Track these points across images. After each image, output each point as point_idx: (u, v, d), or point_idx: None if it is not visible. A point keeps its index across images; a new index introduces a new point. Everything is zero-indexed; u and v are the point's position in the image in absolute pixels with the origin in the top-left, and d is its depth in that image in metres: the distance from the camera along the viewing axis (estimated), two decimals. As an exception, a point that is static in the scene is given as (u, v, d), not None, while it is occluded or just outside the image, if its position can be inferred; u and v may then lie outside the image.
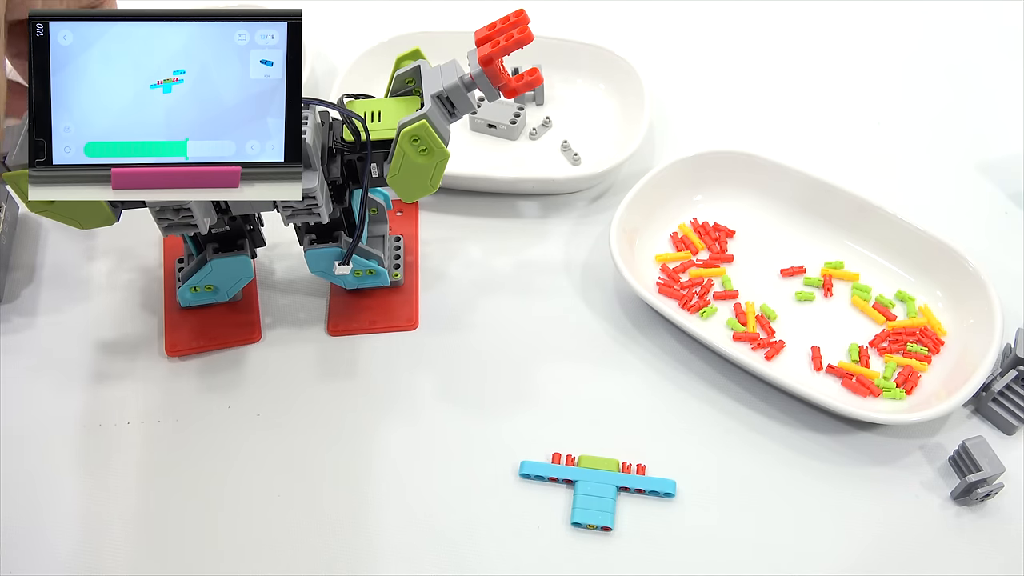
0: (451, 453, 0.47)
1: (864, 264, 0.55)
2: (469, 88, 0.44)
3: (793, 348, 0.51)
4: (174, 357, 0.51)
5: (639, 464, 0.46)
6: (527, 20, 0.43)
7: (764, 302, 0.53)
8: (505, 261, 0.57)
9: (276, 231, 0.52)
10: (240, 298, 0.53)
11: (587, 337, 0.53)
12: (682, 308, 0.53)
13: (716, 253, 0.56)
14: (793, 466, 0.47)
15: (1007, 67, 0.70)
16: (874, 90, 0.69)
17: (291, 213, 0.44)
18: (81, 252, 0.57)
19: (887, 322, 0.52)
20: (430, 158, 0.44)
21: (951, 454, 0.46)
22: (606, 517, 0.44)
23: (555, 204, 0.60)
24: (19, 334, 0.53)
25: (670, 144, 0.64)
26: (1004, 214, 0.60)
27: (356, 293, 0.54)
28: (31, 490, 0.46)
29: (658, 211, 0.57)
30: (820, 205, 0.56)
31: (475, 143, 0.64)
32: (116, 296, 0.55)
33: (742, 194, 0.58)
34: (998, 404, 0.48)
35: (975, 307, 0.50)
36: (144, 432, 0.48)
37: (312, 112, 0.43)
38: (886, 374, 0.50)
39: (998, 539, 0.44)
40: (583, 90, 0.67)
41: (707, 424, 0.49)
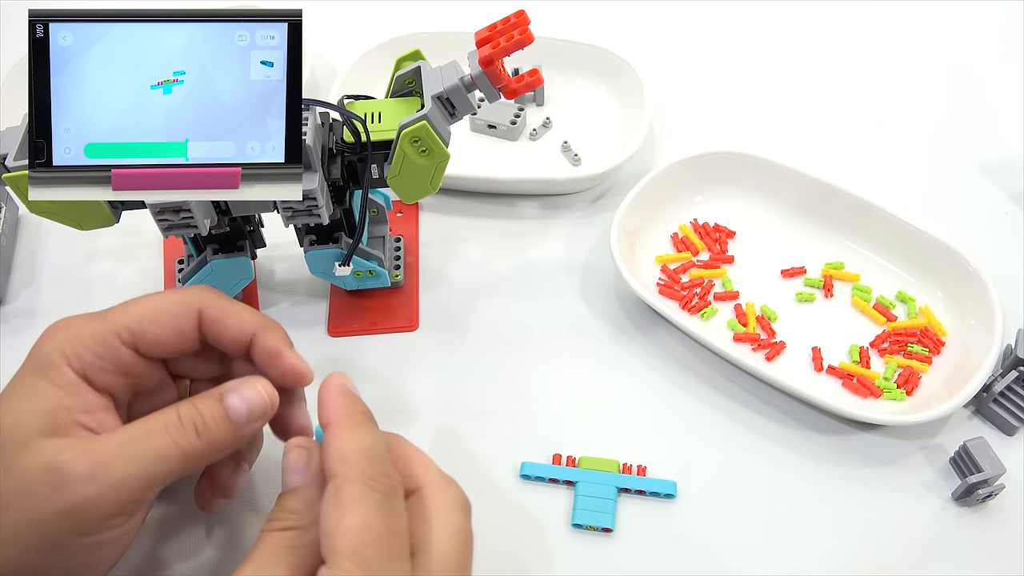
0: (451, 454, 0.47)
1: (865, 265, 0.55)
2: (469, 89, 0.44)
3: (794, 349, 0.51)
4: (174, 358, 0.51)
5: (640, 465, 0.46)
6: (527, 21, 0.43)
7: (765, 303, 0.53)
8: (505, 262, 0.57)
9: (276, 232, 0.52)
10: (240, 299, 0.53)
11: (587, 338, 0.53)
12: (682, 309, 0.53)
13: (716, 254, 0.56)
14: (793, 467, 0.47)
15: (1007, 67, 0.70)
16: (874, 90, 0.69)
17: (291, 214, 0.44)
18: (81, 253, 0.57)
19: (888, 323, 0.52)
20: (430, 159, 0.44)
21: (952, 455, 0.46)
22: (607, 518, 0.44)
23: (555, 205, 0.60)
24: (19, 335, 0.53)
25: (670, 145, 0.64)
26: (1004, 214, 0.60)
27: (356, 294, 0.54)
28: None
29: (658, 212, 0.57)
30: (820, 206, 0.56)
31: (475, 144, 0.64)
32: (116, 297, 0.54)
33: (742, 195, 0.58)
34: (999, 405, 0.48)
35: (976, 308, 0.50)
36: (144, 433, 0.48)
37: (312, 113, 0.43)
38: (887, 375, 0.49)
39: (999, 540, 0.44)
40: (583, 91, 0.67)
41: (707, 425, 0.48)
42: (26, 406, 0.35)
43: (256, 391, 0.37)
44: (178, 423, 0.35)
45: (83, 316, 0.38)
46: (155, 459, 0.34)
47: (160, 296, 0.39)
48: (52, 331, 0.37)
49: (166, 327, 0.38)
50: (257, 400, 0.37)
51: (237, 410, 0.36)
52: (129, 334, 0.37)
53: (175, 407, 0.36)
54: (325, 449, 0.34)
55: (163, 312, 0.38)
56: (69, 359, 0.36)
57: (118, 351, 0.37)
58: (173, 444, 0.35)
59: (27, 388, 0.35)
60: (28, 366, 0.36)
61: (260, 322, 0.39)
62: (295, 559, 0.33)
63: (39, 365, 0.36)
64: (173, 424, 0.35)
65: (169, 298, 0.38)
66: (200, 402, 0.36)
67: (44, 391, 0.35)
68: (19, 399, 0.35)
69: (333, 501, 0.32)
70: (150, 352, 0.38)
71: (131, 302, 0.38)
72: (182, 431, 0.35)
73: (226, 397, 0.37)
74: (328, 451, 0.34)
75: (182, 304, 0.38)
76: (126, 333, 0.37)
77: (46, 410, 0.34)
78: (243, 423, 0.37)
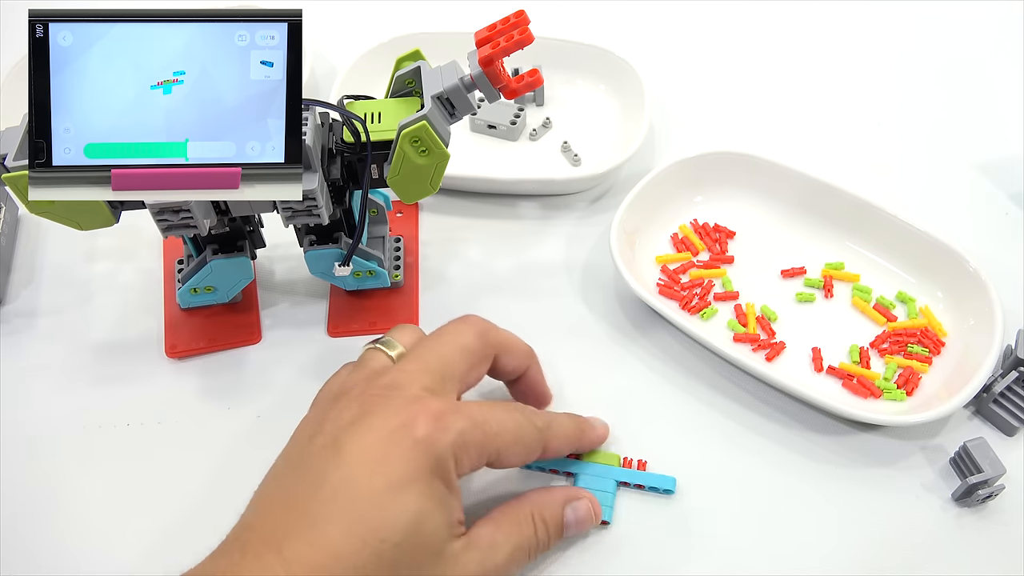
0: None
1: (865, 265, 0.55)
2: (469, 89, 0.44)
3: (794, 349, 0.51)
4: (174, 358, 0.51)
5: (640, 460, 0.46)
6: (527, 21, 0.43)
7: (765, 303, 0.53)
8: (505, 262, 0.57)
9: (276, 232, 0.52)
10: (240, 299, 0.53)
11: (587, 338, 0.53)
12: (682, 309, 0.53)
13: (716, 254, 0.56)
14: (793, 467, 0.47)
15: (1007, 67, 0.70)
16: (874, 90, 0.69)
17: (291, 214, 0.44)
18: (81, 253, 0.57)
19: (888, 323, 0.52)
20: (430, 159, 0.44)
21: (952, 455, 0.46)
22: (605, 511, 0.44)
23: (555, 205, 0.60)
24: (19, 334, 0.53)
25: (670, 145, 0.64)
26: (1005, 215, 0.60)
27: (356, 294, 0.54)
28: (31, 491, 0.46)
29: (658, 212, 0.57)
30: (820, 206, 0.56)
31: (475, 144, 0.64)
32: (116, 297, 0.55)
33: (742, 195, 0.58)
34: (999, 405, 0.48)
35: (976, 308, 0.50)
36: (144, 433, 0.48)
37: (312, 113, 0.43)
38: (887, 375, 0.49)
39: (999, 540, 0.44)
40: (583, 91, 0.67)
41: (707, 425, 0.48)
42: (437, 511, 0.35)
43: (588, 510, 0.42)
44: (534, 538, 0.40)
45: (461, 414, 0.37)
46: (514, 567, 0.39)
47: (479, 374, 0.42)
48: (442, 422, 0.36)
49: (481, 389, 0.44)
50: (586, 518, 0.42)
51: (568, 522, 0.41)
52: (496, 454, 0.38)
53: (530, 518, 0.40)
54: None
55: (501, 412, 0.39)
56: (459, 466, 0.36)
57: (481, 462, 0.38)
58: (525, 556, 0.39)
59: (432, 490, 0.35)
60: (425, 461, 0.35)
61: (529, 356, 0.45)
62: None
63: (438, 466, 0.35)
64: (531, 544, 0.39)
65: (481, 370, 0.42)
66: (548, 516, 0.41)
67: (445, 498, 0.36)
68: (426, 499, 0.35)
69: None
70: None
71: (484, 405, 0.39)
72: (536, 547, 0.40)
73: (567, 510, 0.41)
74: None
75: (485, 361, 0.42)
76: (494, 454, 0.38)
77: (451, 521, 0.36)
78: (568, 535, 0.42)
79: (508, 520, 0.39)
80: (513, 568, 0.38)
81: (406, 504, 0.34)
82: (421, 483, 0.34)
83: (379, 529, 0.33)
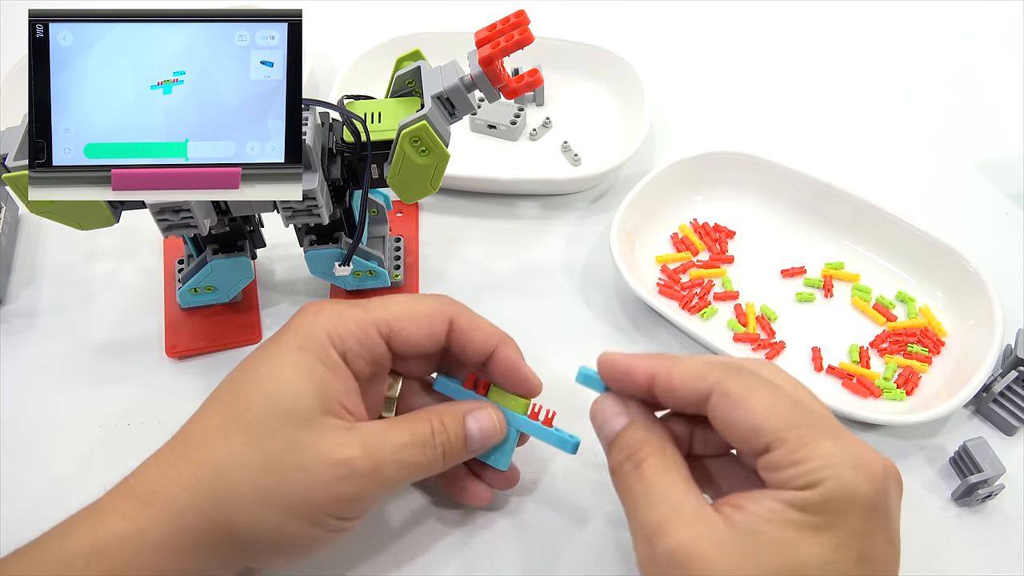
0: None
1: (864, 265, 0.55)
2: (469, 89, 0.44)
3: (793, 349, 0.51)
4: (174, 358, 0.51)
5: (551, 411, 0.43)
6: (527, 21, 0.43)
7: (764, 303, 0.53)
8: (505, 262, 0.57)
9: (276, 232, 0.52)
10: (240, 299, 0.53)
11: (587, 338, 0.53)
12: (682, 309, 0.53)
13: (716, 254, 0.56)
14: (794, 467, 0.47)
15: (1007, 67, 0.70)
16: (874, 90, 0.69)
17: (291, 214, 0.44)
18: (81, 253, 0.57)
19: (887, 323, 0.52)
20: (430, 159, 0.44)
21: (952, 455, 0.46)
22: (501, 459, 0.42)
23: (555, 205, 0.60)
24: (19, 334, 0.53)
25: (670, 145, 0.64)
26: (1005, 215, 0.60)
27: (356, 294, 0.54)
28: (31, 491, 0.46)
29: (658, 212, 0.57)
30: (820, 206, 0.56)
31: (475, 144, 0.64)
32: (116, 297, 0.55)
33: (742, 195, 0.58)
34: (999, 405, 0.48)
35: (976, 308, 0.50)
36: (144, 433, 0.48)
37: (312, 113, 0.43)
38: (887, 375, 0.49)
39: (999, 540, 0.44)
40: (583, 91, 0.67)
41: (707, 425, 0.48)
42: (302, 381, 0.36)
43: (491, 420, 0.40)
44: (432, 441, 0.38)
45: (342, 302, 0.39)
46: (411, 470, 0.37)
47: (416, 299, 0.40)
48: (314, 311, 0.38)
49: (421, 328, 0.39)
50: (490, 429, 0.40)
51: (472, 434, 0.39)
52: (387, 328, 0.39)
53: (427, 420, 0.38)
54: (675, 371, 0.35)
55: (421, 315, 0.39)
56: (334, 340, 0.37)
57: (375, 342, 0.38)
58: (425, 460, 0.38)
59: (298, 363, 0.36)
60: (293, 340, 0.37)
61: (501, 336, 0.41)
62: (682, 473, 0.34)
63: (307, 341, 0.37)
64: (428, 441, 0.38)
65: (425, 302, 0.40)
66: (447, 420, 0.39)
67: (316, 369, 0.36)
68: (292, 371, 0.36)
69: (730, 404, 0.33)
70: (400, 348, 0.39)
71: (387, 300, 0.40)
72: (435, 451, 0.38)
73: (468, 421, 0.39)
74: (682, 368, 0.35)
75: (437, 310, 0.40)
76: (385, 327, 0.38)
77: (321, 390, 0.36)
78: (474, 448, 0.40)
79: (403, 419, 0.39)
80: (411, 468, 0.37)
81: (264, 374, 0.36)
82: (282, 356, 0.36)
83: (244, 400, 0.36)
